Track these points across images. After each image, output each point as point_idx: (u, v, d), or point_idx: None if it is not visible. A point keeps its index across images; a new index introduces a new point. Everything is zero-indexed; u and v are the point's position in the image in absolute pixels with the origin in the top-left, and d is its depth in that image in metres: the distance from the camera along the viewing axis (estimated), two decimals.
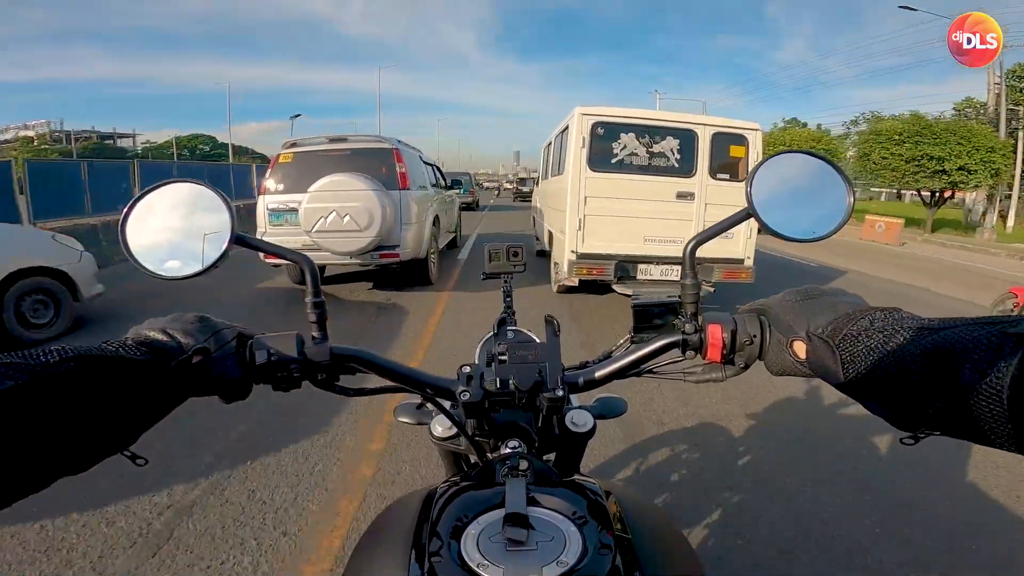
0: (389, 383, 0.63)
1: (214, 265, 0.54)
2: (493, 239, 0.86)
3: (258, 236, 5.70)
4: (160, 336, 0.49)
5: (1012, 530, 2.07)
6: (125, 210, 0.54)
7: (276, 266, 6.19)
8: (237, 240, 0.55)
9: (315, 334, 0.58)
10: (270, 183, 5.64)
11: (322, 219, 5.20)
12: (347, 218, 5.19)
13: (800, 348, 0.52)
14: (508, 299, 0.85)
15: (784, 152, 0.59)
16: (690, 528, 1.96)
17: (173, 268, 0.54)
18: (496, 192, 41.29)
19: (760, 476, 2.37)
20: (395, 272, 6.38)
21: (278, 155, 5.79)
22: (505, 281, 0.86)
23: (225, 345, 0.52)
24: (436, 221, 6.68)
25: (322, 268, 6.48)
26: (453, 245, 9.34)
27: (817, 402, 3.18)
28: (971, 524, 2.06)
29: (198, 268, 0.54)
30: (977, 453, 2.56)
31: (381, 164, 5.59)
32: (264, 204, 5.63)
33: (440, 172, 8.44)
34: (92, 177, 10.55)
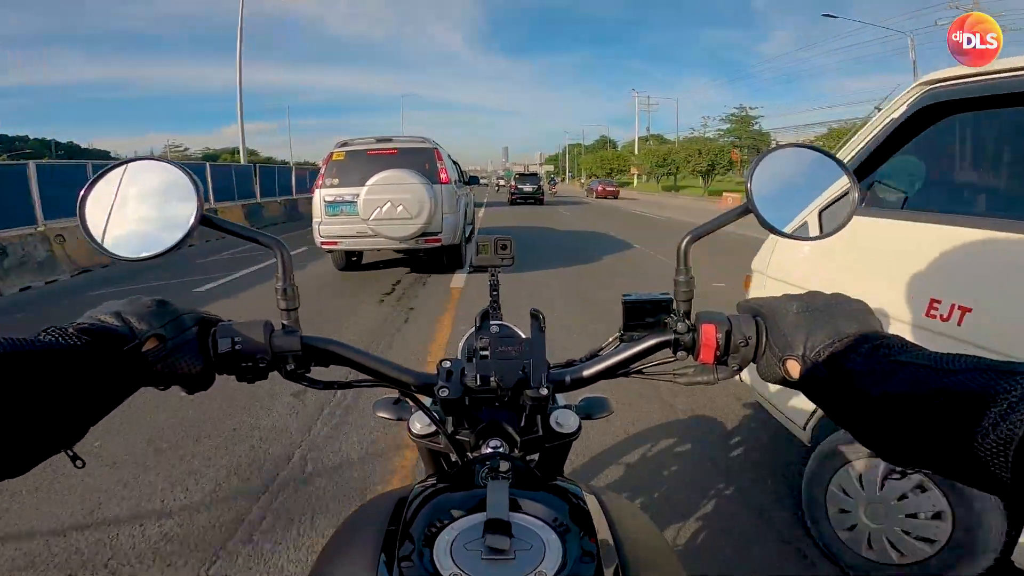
0: (363, 376, 0.61)
1: (178, 245, 0.53)
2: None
3: (315, 225, 6.54)
4: (111, 320, 0.46)
5: None
6: (83, 190, 0.52)
7: (330, 251, 6.97)
8: (203, 220, 0.53)
9: (285, 322, 0.56)
10: (325, 178, 6.47)
11: (378, 208, 6.06)
12: (400, 208, 6.05)
13: (794, 367, 0.48)
14: (495, 292, 0.82)
15: (786, 146, 0.58)
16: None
17: (135, 248, 0.53)
18: (496, 188, 42.51)
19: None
20: (428, 258, 7.16)
21: (331, 153, 6.62)
22: (492, 274, 0.84)
23: (185, 331, 0.50)
24: (465, 213, 7.52)
25: (359, 255, 7.30)
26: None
27: None
28: None
29: (161, 248, 0.53)
30: None
31: (424, 161, 6.45)
32: (320, 197, 6.44)
33: (460, 169, 9.27)
34: None
